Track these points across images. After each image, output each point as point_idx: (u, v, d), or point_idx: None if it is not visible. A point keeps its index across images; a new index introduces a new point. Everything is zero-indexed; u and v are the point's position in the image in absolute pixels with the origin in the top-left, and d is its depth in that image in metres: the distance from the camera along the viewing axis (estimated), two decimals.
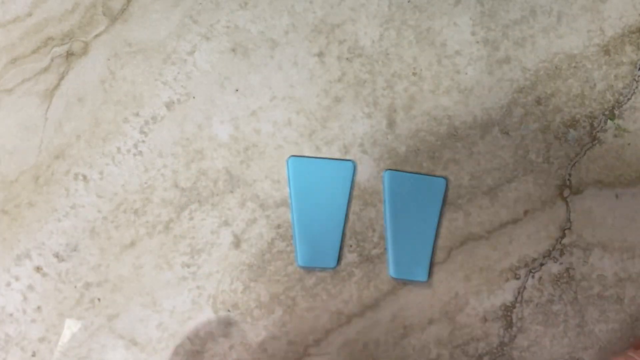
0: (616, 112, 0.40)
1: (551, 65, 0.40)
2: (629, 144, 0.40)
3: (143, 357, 0.34)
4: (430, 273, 0.38)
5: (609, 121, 0.39)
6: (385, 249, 0.37)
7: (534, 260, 0.39)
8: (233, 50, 0.36)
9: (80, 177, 0.34)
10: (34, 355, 0.33)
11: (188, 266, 0.35)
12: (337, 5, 0.37)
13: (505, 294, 0.38)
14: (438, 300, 0.38)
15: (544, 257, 0.39)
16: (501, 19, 0.39)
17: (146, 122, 0.35)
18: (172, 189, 0.35)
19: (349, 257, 0.37)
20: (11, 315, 0.33)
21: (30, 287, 0.34)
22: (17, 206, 0.34)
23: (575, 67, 0.40)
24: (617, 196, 0.40)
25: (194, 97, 0.36)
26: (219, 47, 0.36)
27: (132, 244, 0.35)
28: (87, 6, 0.35)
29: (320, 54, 0.37)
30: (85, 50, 0.35)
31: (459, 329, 0.38)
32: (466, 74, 0.39)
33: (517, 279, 0.39)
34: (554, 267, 0.39)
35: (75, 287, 0.34)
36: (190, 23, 0.36)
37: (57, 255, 0.34)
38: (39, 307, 0.34)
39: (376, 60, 0.38)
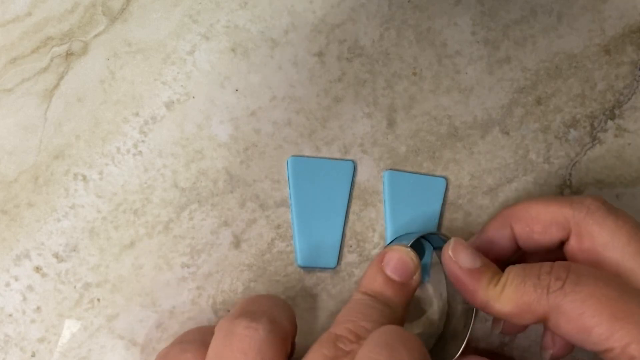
0: (616, 112, 0.40)
1: (552, 65, 0.40)
2: (629, 144, 0.40)
3: (143, 358, 0.34)
4: (430, 273, 0.38)
5: (609, 121, 0.39)
6: None
7: None
8: (233, 50, 0.36)
9: (80, 177, 0.34)
10: (33, 355, 0.33)
11: (188, 266, 0.35)
12: (337, 5, 0.37)
13: None
14: (438, 300, 0.38)
15: None
16: (501, 18, 0.39)
17: (146, 122, 0.35)
18: (172, 189, 0.35)
19: (349, 257, 0.37)
20: (10, 315, 0.33)
21: (30, 288, 0.34)
22: (17, 206, 0.34)
23: (575, 66, 0.40)
24: (617, 196, 0.40)
25: (193, 97, 0.36)
26: (219, 46, 0.36)
27: (132, 244, 0.35)
28: (87, 6, 0.35)
29: (320, 54, 0.37)
30: (84, 50, 0.35)
31: None
32: (466, 73, 0.39)
33: None
34: None
35: (75, 287, 0.34)
36: (190, 23, 0.36)
37: (56, 256, 0.34)
38: (38, 308, 0.34)
39: (376, 60, 0.38)
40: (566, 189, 0.39)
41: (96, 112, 0.35)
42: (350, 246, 0.37)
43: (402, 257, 0.31)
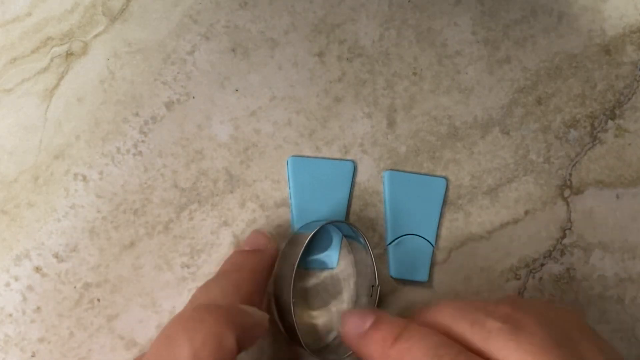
0: (617, 112, 0.40)
1: (552, 65, 0.40)
2: (629, 144, 0.40)
3: None
4: (430, 273, 0.38)
5: (609, 121, 0.39)
6: (386, 249, 0.37)
7: (535, 260, 0.39)
8: (233, 50, 0.36)
9: (80, 177, 0.34)
10: (33, 355, 0.33)
11: (188, 267, 0.35)
12: (337, 5, 0.37)
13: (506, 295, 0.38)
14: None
15: (544, 257, 0.39)
16: (502, 18, 0.39)
17: (146, 122, 0.35)
18: (172, 189, 0.35)
19: (349, 257, 0.37)
20: (10, 315, 0.33)
21: (30, 288, 0.34)
22: (17, 206, 0.34)
23: (576, 66, 0.40)
24: (617, 196, 0.40)
25: (193, 97, 0.36)
26: (219, 47, 0.36)
27: (132, 244, 0.35)
28: (87, 6, 0.35)
29: (320, 54, 0.37)
30: (84, 50, 0.35)
31: None
32: (467, 73, 0.39)
33: (518, 279, 0.39)
34: (554, 268, 0.39)
35: (75, 287, 0.34)
36: (190, 23, 0.36)
37: (56, 256, 0.34)
38: (38, 308, 0.34)
39: (376, 60, 0.38)
40: (566, 189, 0.39)
41: (96, 112, 0.35)
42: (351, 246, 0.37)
43: (252, 234, 0.34)
